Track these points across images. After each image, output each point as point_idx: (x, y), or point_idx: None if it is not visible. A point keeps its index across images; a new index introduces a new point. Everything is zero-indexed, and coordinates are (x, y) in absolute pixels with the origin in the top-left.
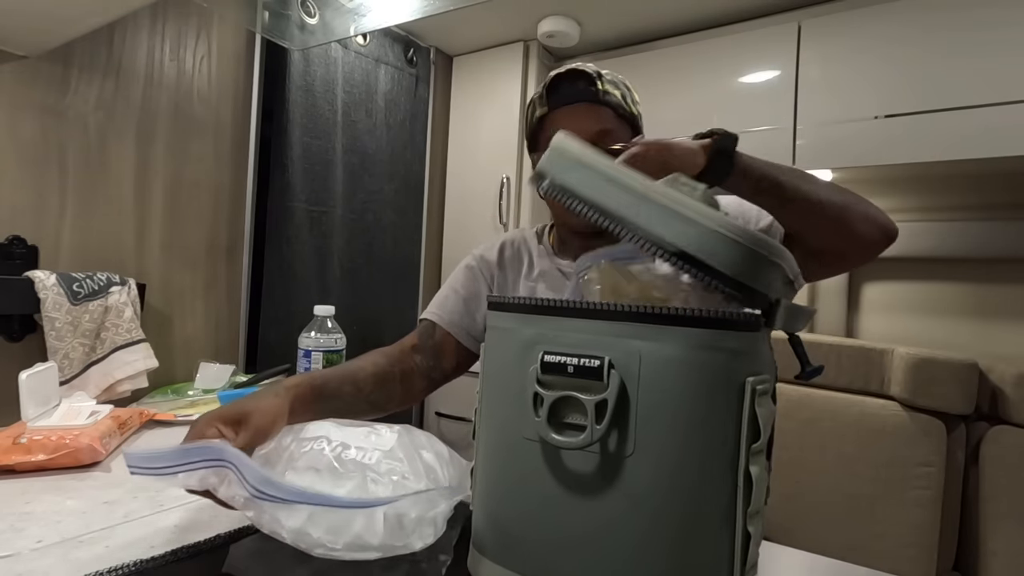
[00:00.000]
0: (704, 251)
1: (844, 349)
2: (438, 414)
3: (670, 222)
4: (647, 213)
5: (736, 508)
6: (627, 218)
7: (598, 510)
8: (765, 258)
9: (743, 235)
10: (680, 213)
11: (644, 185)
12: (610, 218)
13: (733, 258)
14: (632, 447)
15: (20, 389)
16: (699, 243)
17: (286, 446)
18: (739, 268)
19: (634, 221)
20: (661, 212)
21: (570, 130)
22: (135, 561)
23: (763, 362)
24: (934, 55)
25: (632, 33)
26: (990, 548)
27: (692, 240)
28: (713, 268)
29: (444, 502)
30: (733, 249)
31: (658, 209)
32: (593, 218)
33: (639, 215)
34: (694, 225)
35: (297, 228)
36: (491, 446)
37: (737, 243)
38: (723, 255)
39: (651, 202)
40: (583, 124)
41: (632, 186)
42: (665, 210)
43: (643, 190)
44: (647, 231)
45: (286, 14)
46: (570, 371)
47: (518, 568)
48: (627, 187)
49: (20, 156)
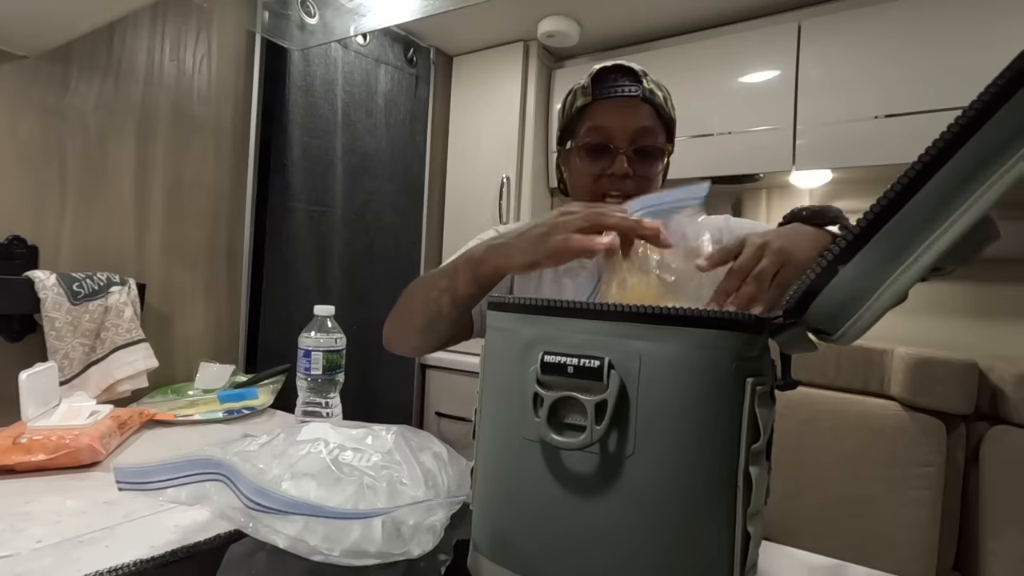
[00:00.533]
0: (826, 307)
1: (844, 349)
2: (438, 414)
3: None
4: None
5: (736, 508)
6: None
7: (598, 511)
8: (841, 325)
9: (870, 321)
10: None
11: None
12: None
13: (836, 323)
14: (632, 448)
15: (20, 389)
16: (834, 300)
17: (283, 449)
18: (822, 321)
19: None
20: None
21: (612, 123)
22: (135, 561)
23: (763, 363)
24: (934, 54)
25: (632, 33)
26: (990, 548)
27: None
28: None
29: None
30: (848, 318)
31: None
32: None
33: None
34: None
35: (297, 228)
36: (491, 446)
37: (858, 320)
38: (832, 316)
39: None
40: (626, 119)
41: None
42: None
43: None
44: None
45: (286, 14)
46: (570, 371)
47: (517, 568)
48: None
49: (20, 156)
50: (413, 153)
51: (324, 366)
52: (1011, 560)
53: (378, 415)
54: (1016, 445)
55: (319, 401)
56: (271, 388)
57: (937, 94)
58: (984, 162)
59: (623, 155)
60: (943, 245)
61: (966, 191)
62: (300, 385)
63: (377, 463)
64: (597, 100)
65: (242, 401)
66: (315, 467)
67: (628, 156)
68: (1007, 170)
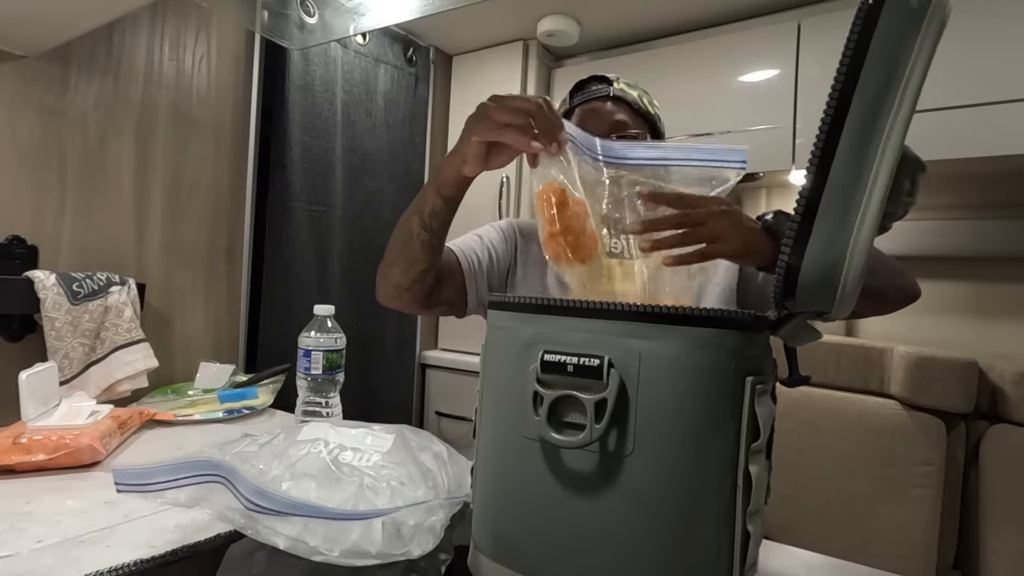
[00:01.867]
0: (811, 280)
1: (844, 348)
2: (438, 413)
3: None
4: (836, 223)
5: (736, 507)
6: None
7: (597, 509)
8: (831, 304)
9: (853, 287)
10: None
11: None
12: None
13: (821, 295)
14: (632, 446)
15: (20, 389)
16: (817, 273)
17: (283, 449)
18: (811, 300)
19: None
20: (844, 231)
21: (589, 122)
22: (135, 561)
23: (763, 362)
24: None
25: (632, 32)
26: (990, 547)
27: (817, 269)
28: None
29: (443, 511)
30: (831, 290)
31: (846, 228)
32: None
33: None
34: (841, 260)
35: (297, 228)
36: (491, 445)
37: (840, 288)
38: (819, 291)
39: (855, 220)
40: (599, 116)
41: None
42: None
43: (869, 208)
44: (804, 243)
45: (285, 13)
46: (570, 370)
47: (517, 567)
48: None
49: (20, 156)
50: (413, 153)
51: (324, 366)
52: (1011, 559)
53: (378, 415)
54: (1016, 444)
55: (319, 401)
56: (271, 388)
57: (937, 93)
58: (874, 112)
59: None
60: (879, 194)
61: (873, 142)
62: (300, 385)
63: (377, 463)
64: (574, 107)
65: (242, 401)
66: (315, 467)
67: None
68: (898, 109)
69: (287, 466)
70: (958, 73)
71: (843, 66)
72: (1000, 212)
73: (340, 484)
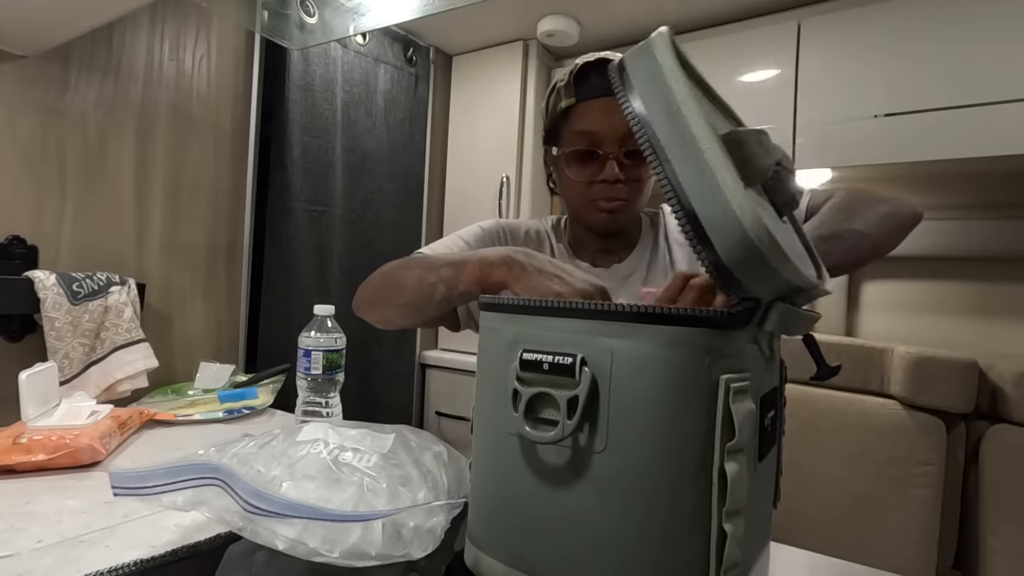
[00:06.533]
0: (710, 222)
1: (844, 348)
2: (438, 413)
3: (697, 177)
4: (683, 158)
5: (711, 507)
6: (663, 151)
7: (571, 503)
8: (763, 258)
9: (756, 226)
10: (712, 173)
11: (701, 130)
12: (649, 142)
13: (732, 243)
14: (604, 442)
15: (20, 389)
16: (711, 211)
17: (282, 450)
18: (735, 256)
19: (668, 159)
20: (695, 164)
21: (598, 127)
22: (135, 561)
23: (745, 360)
24: (933, 54)
25: (632, 32)
26: (990, 546)
27: (706, 205)
28: (710, 242)
29: (443, 513)
30: (736, 233)
31: (694, 160)
32: (636, 134)
33: (675, 156)
34: (716, 191)
35: (297, 228)
36: (481, 442)
37: (744, 231)
38: (724, 234)
39: (694, 149)
40: (613, 121)
41: (689, 124)
42: (700, 163)
43: (695, 135)
44: (674, 176)
45: (285, 13)
46: (545, 368)
47: (499, 556)
48: (683, 122)
49: (20, 156)
50: (413, 152)
51: (324, 366)
52: (1011, 558)
53: (378, 415)
54: (1016, 443)
55: (319, 401)
56: (271, 388)
57: (937, 92)
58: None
59: (613, 160)
60: (703, 131)
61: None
62: (300, 385)
63: (377, 464)
64: (581, 101)
65: (242, 401)
66: (315, 468)
67: (618, 160)
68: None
69: (287, 467)
70: (957, 73)
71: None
72: (1000, 212)
73: (340, 485)
